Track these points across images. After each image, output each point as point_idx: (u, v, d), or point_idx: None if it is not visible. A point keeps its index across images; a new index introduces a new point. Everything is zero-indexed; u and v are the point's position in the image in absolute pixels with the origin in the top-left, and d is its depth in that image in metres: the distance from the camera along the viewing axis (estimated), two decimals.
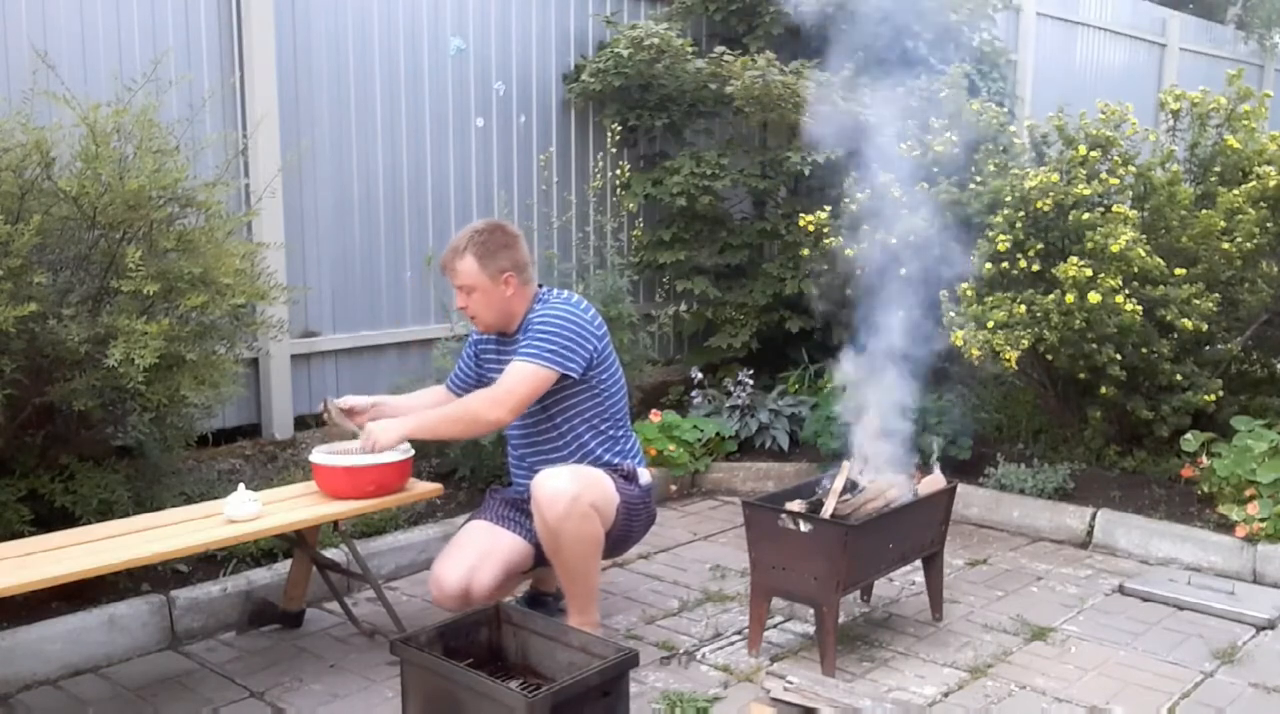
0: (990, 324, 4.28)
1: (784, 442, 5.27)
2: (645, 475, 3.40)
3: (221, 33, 4.45)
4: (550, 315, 3.24)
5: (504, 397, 3.15)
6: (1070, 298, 4.18)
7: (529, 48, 5.54)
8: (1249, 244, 4.42)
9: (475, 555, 3.21)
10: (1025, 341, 4.22)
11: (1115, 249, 4.19)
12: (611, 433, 3.35)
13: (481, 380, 3.44)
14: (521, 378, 3.16)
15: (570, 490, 3.05)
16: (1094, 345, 4.30)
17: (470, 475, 4.57)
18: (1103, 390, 4.45)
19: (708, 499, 5.06)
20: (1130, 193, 4.63)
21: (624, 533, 3.29)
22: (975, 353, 4.27)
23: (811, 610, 3.27)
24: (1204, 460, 4.36)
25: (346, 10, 4.82)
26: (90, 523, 3.24)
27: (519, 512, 3.33)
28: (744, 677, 3.18)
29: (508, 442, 3.51)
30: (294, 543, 3.40)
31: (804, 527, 3.17)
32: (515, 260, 3.28)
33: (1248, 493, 4.11)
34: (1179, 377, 4.50)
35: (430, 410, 3.36)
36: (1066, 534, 4.42)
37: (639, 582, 3.98)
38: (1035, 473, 4.65)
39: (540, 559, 3.30)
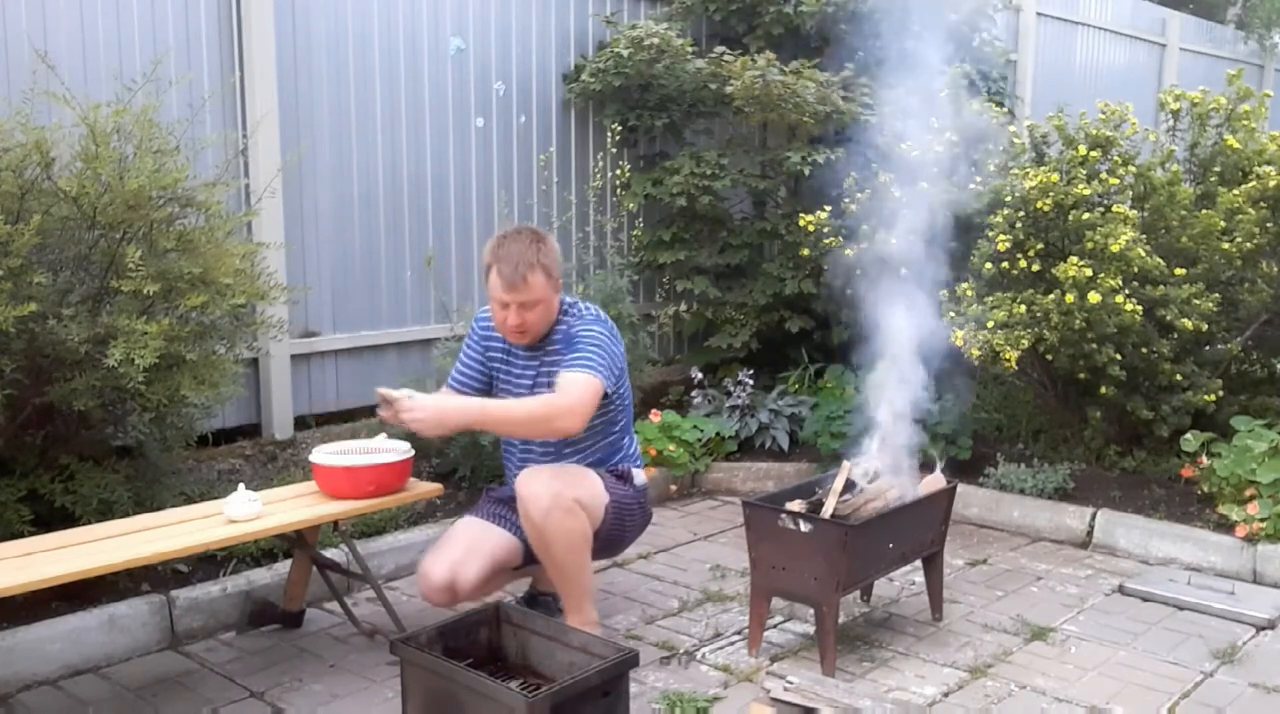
0: (990, 324, 4.28)
1: (784, 442, 5.26)
2: (640, 476, 3.39)
3: (221, 33, 4.45)
4: (598, 331, 3.17)
5: (580, 409, 3.03)
6: (1070, 298, 4.18)
7: (529, 48, 5.54)
8: (1249, 244, 4.41)
9: (461, 550, 3.20)
10: (1025, 342, 4.22)
11: (1115, 249, 4.19)
12: (613, 441, 3.35)
13: (490, 379, 3.39)
14: (589, 390, 3.06)
15: (552, 486, 3.05)
16: (1094, 345, 4.30)
17: (470, 475, 4.57)
18: (1103, 390, 4.45)
19: (708, 499, 5.06)
20: (1130, 193, 4.63)
21: (616, 533, 3.28)
22: (975, 353, 4.27)
23: (811, 610, 3.27)
24: (1204, 460, 4.36)
25: (346, 10, 4.82)
26: (90, 523, 3.24)
27: (510, 509, 3.31)
28: (744, 677, 3.18)
29: (504, 442, 3.50)
30: (294, 543, 3.41)
31: (804, 527, 3.17)
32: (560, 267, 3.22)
33: (1248, 493, 4.11)
34: (1179, 376, 4.49)
35: (495, 401, 3.22)
36: (1066, 534, 4.42)
37: (639, 582, 3.98)
38: (1035, 473, 4.65)
39: (530, 556, 3.29)
